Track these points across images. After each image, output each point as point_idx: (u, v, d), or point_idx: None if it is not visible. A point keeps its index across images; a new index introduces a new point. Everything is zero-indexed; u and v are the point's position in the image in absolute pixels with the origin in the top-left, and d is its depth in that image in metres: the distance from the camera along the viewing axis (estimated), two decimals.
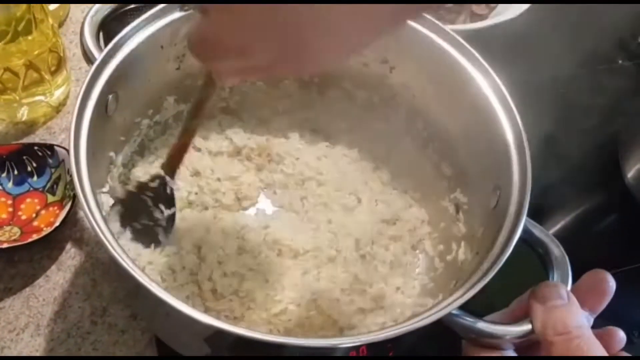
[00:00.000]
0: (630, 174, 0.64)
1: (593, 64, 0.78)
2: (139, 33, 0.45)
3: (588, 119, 0.74)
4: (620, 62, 0.80)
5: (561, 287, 0.38)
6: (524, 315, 0.38)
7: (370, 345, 0.38)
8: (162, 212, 0.47)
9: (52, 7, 0.64)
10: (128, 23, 0.45)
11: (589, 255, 0.60)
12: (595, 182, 0.67)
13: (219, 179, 0.53)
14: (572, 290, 0.39)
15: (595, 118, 0.75)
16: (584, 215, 0.65)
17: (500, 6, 0.71)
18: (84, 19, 0.46)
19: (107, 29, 0.48)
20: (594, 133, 0.73)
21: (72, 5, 0.70)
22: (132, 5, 0.47)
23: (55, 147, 0.55)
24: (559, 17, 0.80)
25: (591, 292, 0.39)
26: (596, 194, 0.67)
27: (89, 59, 0.45)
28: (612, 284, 0.40)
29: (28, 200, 0.54)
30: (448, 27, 0.48)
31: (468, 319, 0.38)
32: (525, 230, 0.41)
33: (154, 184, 0.47)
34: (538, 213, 0.62)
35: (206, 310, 0.46)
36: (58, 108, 0.62)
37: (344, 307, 0.48)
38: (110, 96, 0.44)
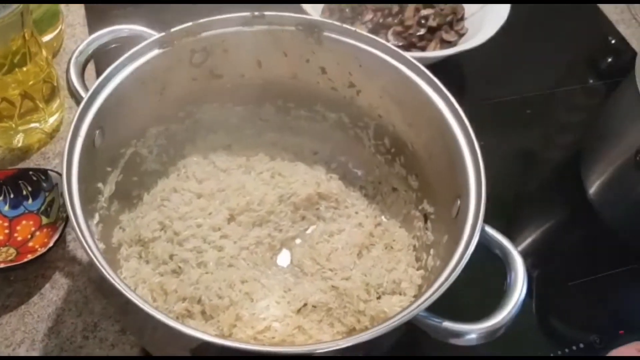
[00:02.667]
0: (591, 190, 0.68)
1: (564, 84, 0.82)
2: (122, 71, 0.48)
3: (558, 135, 0.79)
4: (591, 81, 0.84)
5: None
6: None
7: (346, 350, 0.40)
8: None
9: (47, 38, 0.68)
10: (112, 61, 0.48)
11: (556, 267, 0.64)
12: (562, 198, 0.71)
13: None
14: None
15: (564, 135, 0.79)
16: (551, 229, 0.68)
17: (470, 33, 0.75)
18: (69, 61, 0.49)
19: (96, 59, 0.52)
20: (563, 149, 0.77)
21: (66, 37, 0.73)
22: (113, 45, 0.51)
23: (49, 172, 0.58)
24: (529, 42, 0.84)
25: None
26: (562, 209, 0.70)
27: (76, 97, 0.48)
28: None
29: (24, 222, 0.57)
30: (408, 54, 0.52)
31: (435, 319, 0.41)
32: (484, 235, 0.45)
33: None
34: (508, 228, 0.66)
35: None
36: (52, 134, 0.65)
37: (325, 327, 0.51)
38: (97, 131, 0.47)
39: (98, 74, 0.50)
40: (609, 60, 0.87)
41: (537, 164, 0.75)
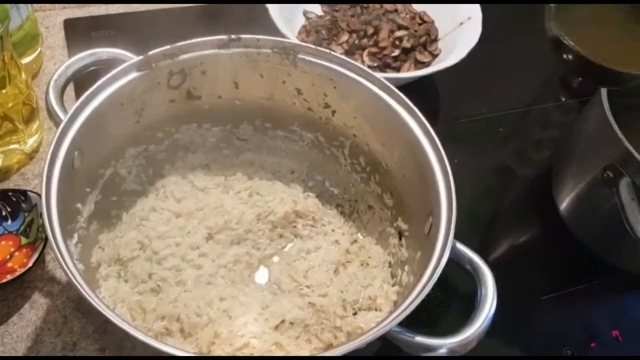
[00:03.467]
0: (562, 206, 0.69)
1: (537, 102, 0.84)
2: (101, 93, 0.49)
3: (530, 153, 0.81)
4: (563, 99, 0.86)
5: None
6: None
7: None
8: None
9: (26, 60, 0.69)
10: (90, 83, 0.49)
11: (528, 282, 0.65)
12: (534, 213, 0.72)
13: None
14: None
15: (537, 152, 0.81)
16: (524, 244, 0.70)
17: (443, 53, 0.77)
18: (48, 84, 0.50)
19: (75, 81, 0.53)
20: (535, 166, 0.78)
21: (45, 58, 0.74)
22: (92, 68, 0.52)
23: (29, 193, 0.59)
24: (502, 61, 0.86)
25: None
26: (535, 224, 0.72)
27: (55, 120, 0.49)
28: None
29: (3, 242, 0.58)
30: (380, 75, 0.54)
31: (408, 334, 0.43)
32: (456, 252, 0.46)
33: None
34: (481, 244, 0.68)
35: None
36: (31, 155, 0.65)
37: (302, 343, 0.52)
38: (76, 152, 0.48)
39: (77, 95, 0.51)
40: (580, 78, 0.89)
41: (510, 181, 0.76)
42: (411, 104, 0.52)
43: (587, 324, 0.63)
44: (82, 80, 0.53)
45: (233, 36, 0.54)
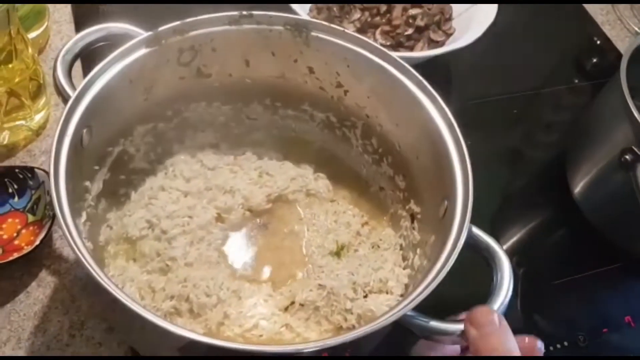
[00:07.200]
0: (576, 190, 0.69)
1: (551, 84, 0.83)
2: (109, 70, 0.48)
3: (544, 135, 0.79)
4: (576, 81, 0.85)
5: (493, 313, 0.41)
6: None
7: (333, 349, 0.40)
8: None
9: (33, 35, 0.68)
10: (99, 59, 0.48)
11: (540, 266, 0.65)
12: (547, 197, 0.72)
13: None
14: None
15: (550, 135, 0.80)
16: (536, 228, 0.70)
17: (457, 33, 0.76)
18: (56, 59, 0.49)
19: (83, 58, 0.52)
20: (549, 149, 0.77)
21: (52, 33, 0.73)
22: (101, 44, 0.51)
23: (36, 170, 0.58)
24: (516, 42, 0.85)
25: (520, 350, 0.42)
26: (548, 208, 0.71)
27: (63, 96, 0.48)
28: (542, 350, 0.43)
29: (9, 220, 0.57)
30: (395, 54, 0.52)
31: (422, 319, 0.42)
32: (471, 236, 0.45)
33: None
34: (494, 227, 0.67)
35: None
36: (38, 131, 0.65)
37: (312, 325, 0.52)
38: (85, 130, 0.47)
39: (85, 72, 0.50)
40: (594, 60, 0.88)
41: (523, 164, 0.75)
42: (428, 85, 0.51)
43: (600, 309, 0.63)
44: (89, 58, 0.52)
45: (245, 12, 0.52)
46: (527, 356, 0.41)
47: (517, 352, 0.40)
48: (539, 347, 0.43)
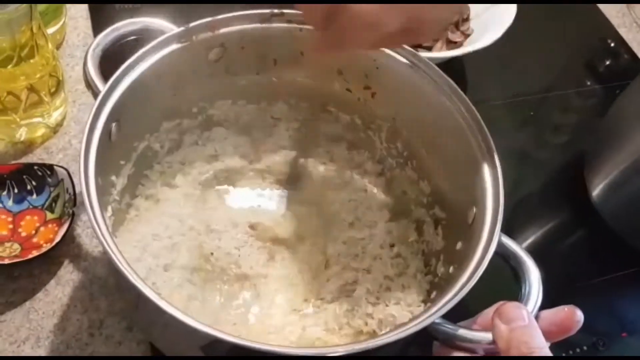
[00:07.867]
0: (595, 192, 0.68)
1: (564, 86, 0.83)
2: (140, 65, 0.48)
3: (558, 137, 0.79)
4: (589, 84, 0.84)
5: (523, 308, 0.40)
6: (485, 329, 0.41)
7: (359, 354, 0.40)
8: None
9: (50, 31, 0.67)
10: (127, 54, 0.47)
11: (557, 269, 0.64)
12: (564, 199, 0.71)
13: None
14: (540, 317, 0.42)
15: (565, 137, 0.79)
16: (553, 231, 0.69)
17: (475, 34, 0.76)
18: (86, 52, 0.48)
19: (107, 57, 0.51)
20: (564, 152, 0.77)
21: (68, 29, 0.72)
22: (131, 38, 0.50)
23: (55, 167, 0.57)
24: (531, 43, 0.85)
25: (558, 326, 0.42)
26: (565, 211, 0.70)
27: (92, 90, 0.48)
28: (581, 321, 0.42)
29: (28, 217, 0.56)
30: (424, 55, 0.52)
31: (449, 326, 0.41)
32: (499, 244, 0.44)
33: None
34: (510, 229, 0.66)
35: None
36: (55, 129, 0.64)
37: (332, 328, 0.51)
38: (114, 124, 0.46)
39: (103, 68, 0.49)
40: (607, 63, 0.88)
41: (539, 166, 0.75)
42: (458, 88, 0.50)
43: (619, 313, 0.62)
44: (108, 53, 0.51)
45: (276, 10, 0.52)
46: (555, 356, 0.40)
47: (547, 351, 0.38)
48: (579, 316, 0.42)
